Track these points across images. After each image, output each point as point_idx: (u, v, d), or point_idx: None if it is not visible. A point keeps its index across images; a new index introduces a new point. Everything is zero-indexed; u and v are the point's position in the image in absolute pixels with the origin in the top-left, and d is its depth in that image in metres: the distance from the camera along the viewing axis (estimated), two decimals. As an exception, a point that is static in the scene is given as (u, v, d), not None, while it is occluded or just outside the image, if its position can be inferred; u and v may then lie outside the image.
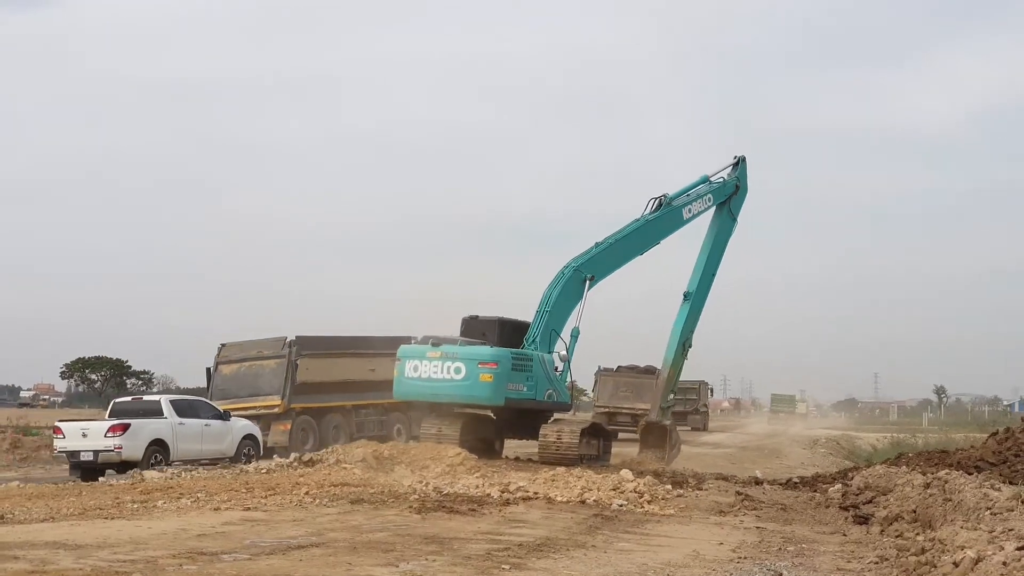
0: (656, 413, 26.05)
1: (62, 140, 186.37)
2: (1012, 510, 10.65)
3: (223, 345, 29.78)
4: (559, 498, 16.25)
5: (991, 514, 10.65)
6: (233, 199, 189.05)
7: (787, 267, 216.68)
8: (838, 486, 18.96)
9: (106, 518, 12.98)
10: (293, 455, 22.48)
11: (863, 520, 14.66)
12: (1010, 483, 14.82)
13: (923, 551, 10.01)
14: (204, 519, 12.92)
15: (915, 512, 13.43)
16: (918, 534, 11.88)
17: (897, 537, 12.28)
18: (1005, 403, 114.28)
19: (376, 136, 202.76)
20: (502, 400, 21.99)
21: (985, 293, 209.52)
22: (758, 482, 21.94)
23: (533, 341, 22.83)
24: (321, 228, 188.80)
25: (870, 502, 15.92)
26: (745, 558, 11.08)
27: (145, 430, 23.24)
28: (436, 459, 19.77)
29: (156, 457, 23.07)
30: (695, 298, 26.36)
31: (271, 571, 9.15)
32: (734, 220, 27.48)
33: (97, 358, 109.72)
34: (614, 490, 16.97)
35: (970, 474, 15.44)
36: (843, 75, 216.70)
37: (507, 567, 9.83)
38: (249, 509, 14.00)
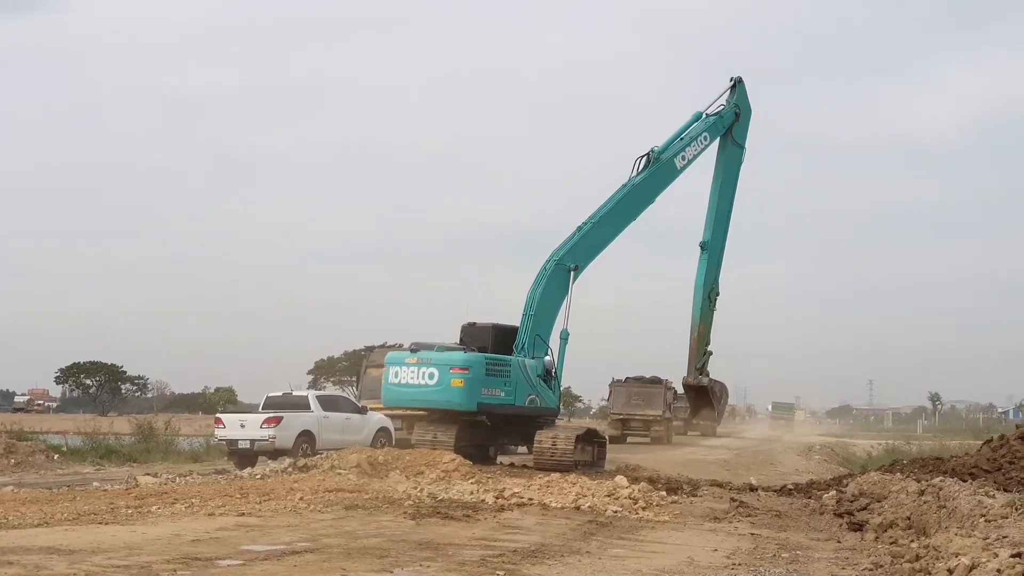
0: (692, 375, 25.24)
1: (58, 144, 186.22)
2: (1006, 517, 10.66)
3: (370, 351, 31.84)
4: (554, 504, 16.25)
5: (985, 521, 10.66)
6: (233, 204, 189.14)
7: (783, 275, 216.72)
8: (833, 493, 18.95)
9: (100, 523, 12.94)
10: (288, 460, 22.46)
11: (858, 527, 14.66)
12: (1004, 490, 14.83)
13: (917, 558, 10.01)
14: (198, 524, 12.89)
15: (909, 519, 13.45)
16: (912, 541, 11.89)
17: (892, 544, 12.29)
18: (1000, 410, 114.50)
19: (374, 143, 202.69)
20: (474, 405, 21.89)
21: (980, 301, 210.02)
22: (753, 489, 21.92)
23: (521, 347, 22.74)
24: (320, 234, 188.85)
25: (865, 509, 15.93)
26: (740, 565, 11.08)
27: (295, 422, 25.93)
28: (431, 465, 19.75)
29: (304, 447, 25.27)
30: (712, 244, 25.14)
31: (265, 577, 9.14)
32: (741, 148, 25.87)
33: (92, 363, 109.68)
34: (608, 496, 16.98)
35: (964, 481, 15.44)
36: (842, 84, 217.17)
37: (501, 573, 9.83)
38: (243, 514, 13.98)
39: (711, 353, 25.50)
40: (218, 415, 28.62)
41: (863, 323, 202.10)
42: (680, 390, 55.85)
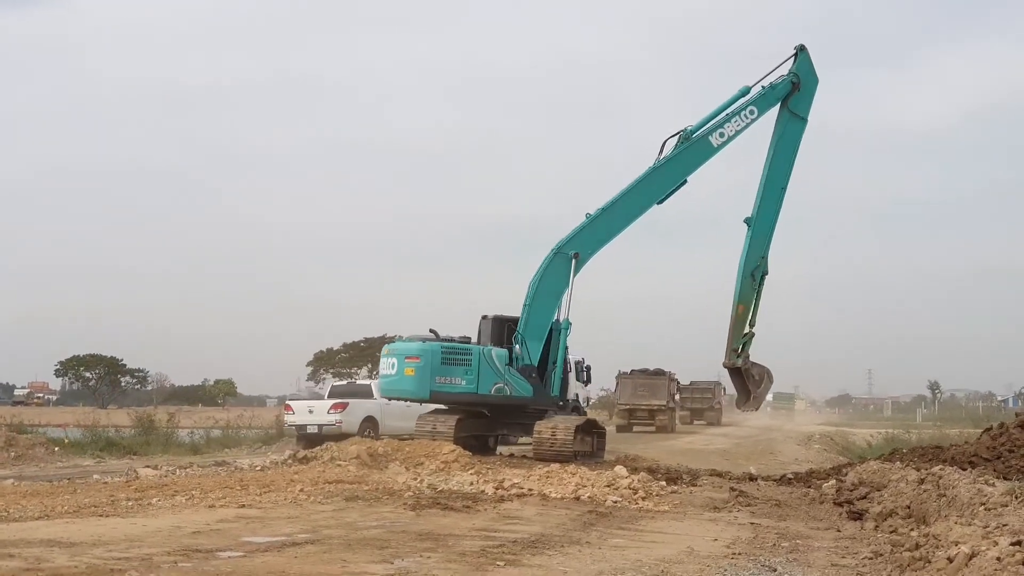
0: (728, 356, 23.92)
1: (57, 142, 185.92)
2: (1006, 505, 10.66)
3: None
4: (553, 494, 16.27)
5: (985, 509, 10.66)
6: (231, 200, 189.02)
7: (781, 265, 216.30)
8: (832, 482, 18.98)
9: (101, 516, 12.95)
10: (288, 452, 22.51)
11: (857, 516, 14.67)
12: (1004, 478, 14.85)
13: (917, 546, 10.02)
14: (199, 516, 12.90)
15: (909, 508, 13.45)
16: (912, 529, 11.90)
17: (891, 533, 12.30)
18: (999, 398, 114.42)
19: (373, 141, 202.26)
20: (427, 394, 22.42)
21: (979, 290, 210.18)
22: (752, 478, 21.95)
23: (520, 337, 22.79)
24: (319, 230, 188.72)
25: (864, 498, 15.95)
26: (739, 554, 11.09)
27: (360, 408, 28.45)
28: (430, 456, 19.78)
29: (368, 431, 27.25)
30: (757, 221, 23.44)
31: (266, 568, 9.15)
32: (801, 119, 23.66)
33: (92, 356, 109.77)
34: (608, 486, 16.99)
35: (964, 470, 15.45)
36: (838, 76, 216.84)
37: (501, 564, 9.83)
38: (244, 506, 13.99)
39: (753, 335, 24.09)
40: (287, 402, 31.22)
41: (862, 312, 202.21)
42: (684, 381, 58.65)
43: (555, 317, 23.06)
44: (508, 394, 22.68)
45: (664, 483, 18.56)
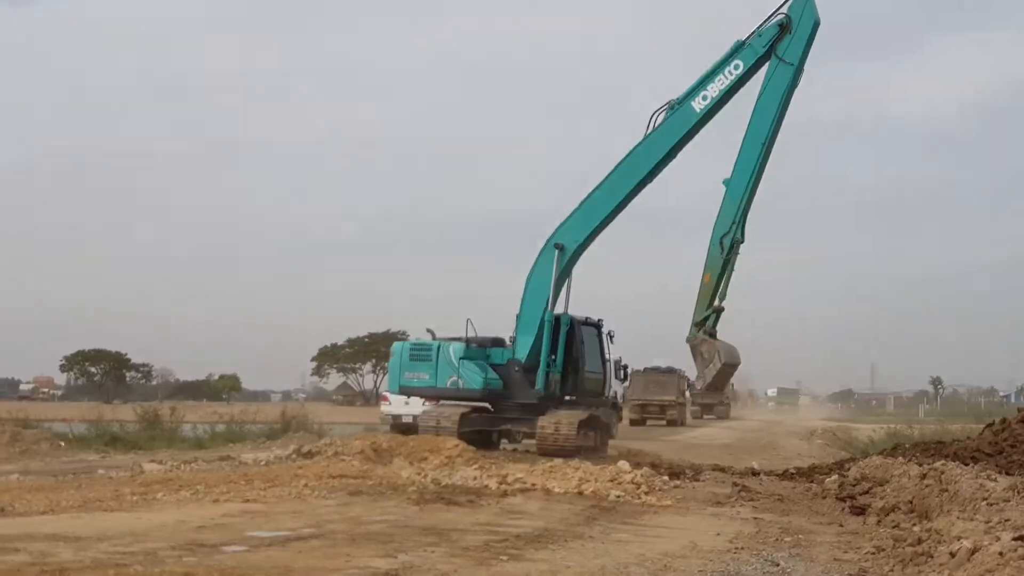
0: (690, 331, 22.25)
1: (61, 132, 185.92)
2: (1008, 500, 10.68)
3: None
4: (557, 489, 16.28)
5: (987, 504, 10.68)
6: (236, 194, 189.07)
7: (783, 259, 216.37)
8: (835, 477, 19.00)
9: (105, 510, 12.98)
10: (292, 447, 22.55)
11: (860, 511, 14.70)
12: (1006, 473, 14.86)
13: (919, 541, 10.05)
14: (203, 511, 12.94)
15: (911, 503, 13.47)
16: (914, 524, 11.92)
17: (894, 528, 12.32)
18: (1001, 394, 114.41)
19: (377, 133, 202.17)
20: (396, 388, 24.57)
21: (981, 285, 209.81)
22: (755, 473, 21.97)
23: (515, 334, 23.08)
24: (324, 223, 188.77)
25: (867, 493, 15.97)
26: (742, 549, 11.12)
27: None
28: (434, 451, 19.82)
29: None
30: (733, 181, 21.23)
31: (270, 562, 9.18)
32: (790, 65, 20.82)
33: (96, 351, 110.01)
34: (611, 481, 17.02)
35: (966, 465, 15.47)
36: (840, 68, 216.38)
37: (505, 558, 9.87)
38: (248, 501, 14.02)
39: (722, 310, 21.99)
40: (384, 393, 33.85)
41: (864, 307, 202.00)
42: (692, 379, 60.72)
43: (545, 311, 22.85)
44: (460, 387, 23.06)
45: (667, 478, 18.59)
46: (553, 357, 22.99)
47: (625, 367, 28.39)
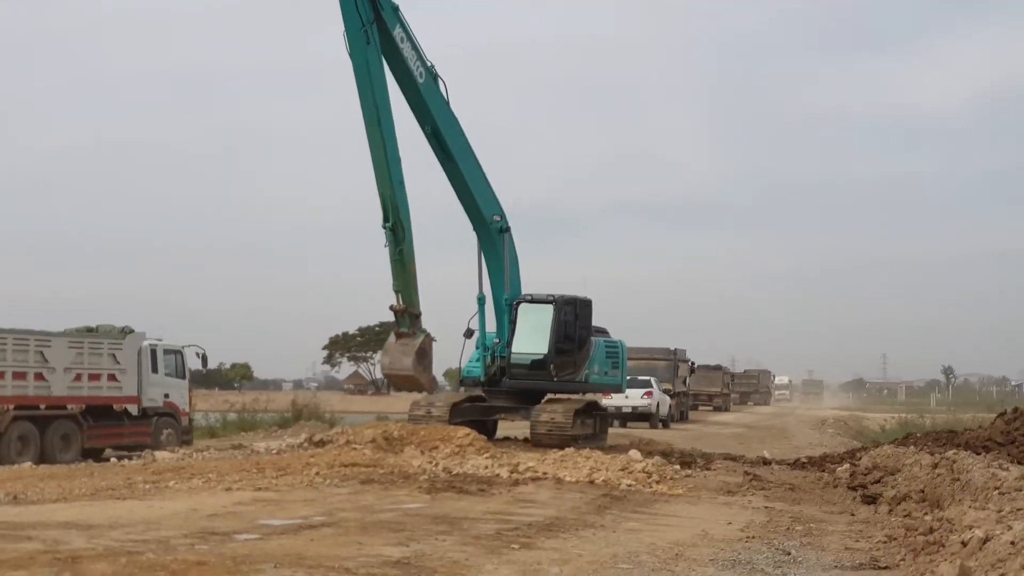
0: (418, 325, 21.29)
1: (74, 124, 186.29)
2: (1020, 490, 10.64)
3: None
4: (568, 478, 16.31)
5: (999, 494, 10.65)
6: (248, 182, 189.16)
7: (795, 250, 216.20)
8: (846, 466, 18.99)
9: (118, 499, 13.04)
10: (303, 436, 22.60)
11: (871, 500, 14.70)
12: (1018, 463, 14.83)
13: (931, 530, 10.04)
14: (215, 499, 12.98)
15: (923, 492, 13.46)
16: (926, 514, 11.91)
17: (905, 517, 12.32)
18: (1013, 383, 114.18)
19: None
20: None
21: (993, 274, 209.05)
22: (766, 462, 21.98)
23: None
24: (336, 213, 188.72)
25: (878, 482, 15.96)
26: (753, 537, 11.13)
27: (661, 394, 38.11)
28: (445, 440, 19.81)
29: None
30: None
31: (282, 550, 9.20)
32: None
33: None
34: (623, 470, 17.05)
35: (978, 454, 15.44)
36: (847, 61, 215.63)
37: (516, 546, 9.88)
38: (260, 489, 14.06)
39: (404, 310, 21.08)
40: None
41: (876, 298, 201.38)
42: (738, 370, 72.48)
43: (504, 293, 22.73)
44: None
45: (678, 467, 18.61)
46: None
47: (692, 363, 31.41)
